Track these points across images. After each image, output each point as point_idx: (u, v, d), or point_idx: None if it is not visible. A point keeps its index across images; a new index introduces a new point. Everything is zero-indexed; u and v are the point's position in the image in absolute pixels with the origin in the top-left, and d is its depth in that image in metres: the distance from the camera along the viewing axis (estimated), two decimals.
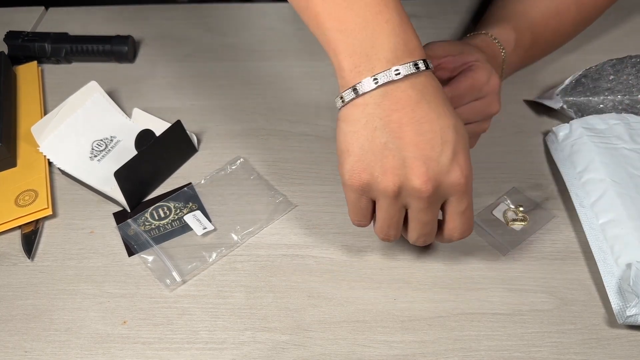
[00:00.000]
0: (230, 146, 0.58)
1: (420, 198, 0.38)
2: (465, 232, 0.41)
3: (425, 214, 0.39)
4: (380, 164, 0.37)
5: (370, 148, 0.37)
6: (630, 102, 0.57)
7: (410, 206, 0.39)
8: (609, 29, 0.69)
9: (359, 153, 0.38)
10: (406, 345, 0.43)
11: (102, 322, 0.45)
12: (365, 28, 0.37)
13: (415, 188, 0.37)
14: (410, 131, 0.37)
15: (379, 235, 0.42)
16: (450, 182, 0.38)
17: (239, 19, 0.75)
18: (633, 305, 0.41)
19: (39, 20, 0.76)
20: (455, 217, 0.40)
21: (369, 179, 0.38)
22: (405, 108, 0.37)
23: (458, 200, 0.39)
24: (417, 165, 0.37)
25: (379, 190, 0.38)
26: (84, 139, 0.57)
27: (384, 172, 0.37)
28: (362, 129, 0.38)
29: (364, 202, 0.40)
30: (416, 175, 0.37)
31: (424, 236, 0.42)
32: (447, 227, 0.41)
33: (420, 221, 0.40)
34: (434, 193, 0.38)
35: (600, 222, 0.47)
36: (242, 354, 0.43)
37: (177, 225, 0.51)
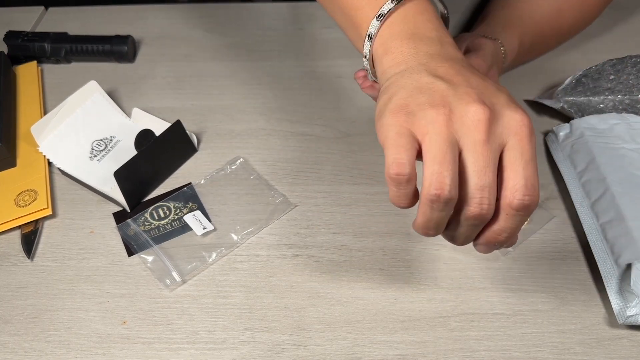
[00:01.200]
0: (230, 146, 0.58)
1: (478, 123, 0.31)
2: (530, 192, 0.32)
3: (483, 152, 0.32)
4: (428, 97, 0.33)
5: (416, 86, 0.34)
6: (631, 102, 0.57)
7: (464, 143, 0.32)
8: (609, 29, 0.69)
9: (403, 93, 0.34)
10: (406, 345, 0.43)
11: (101, 322, 0.45)
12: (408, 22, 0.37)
13: (472, 109, 0.32)
14: (460, 76, 0.34)
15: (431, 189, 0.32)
16: (509, 116, 0.32)
17: (238, 19, 0.75)
18: (633, 305, 0.41)
19: (39, 20, 0.76)
20: (518, 168, 0.32)
21: (415, 109, 0.33)
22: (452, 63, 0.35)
23: (520, 144, 0.32)
24: (471, 92, 0.33)
25: (427, 117, 0.32)
26: (83, 138, 0.57)
27: (432, 101, 0.33)
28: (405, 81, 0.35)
29: (407, 136, 0.33)
30: (472, 99, 0.32)
31: (481, 192, 0.32)
32: (508, 185, 0.32)
33: (477, 165, 0.32)
34: (491, 120, 0.32)
35: (600, 222, 0.47)
36: (242, 354, 0.43)
37: (176, 225, 0.51)
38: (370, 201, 0.52)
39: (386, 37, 0.38)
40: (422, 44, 0.37)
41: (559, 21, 0.58)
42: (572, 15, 0.58)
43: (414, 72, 0.35)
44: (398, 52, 0.37)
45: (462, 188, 0.32)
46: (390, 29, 0.38)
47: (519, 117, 0.32)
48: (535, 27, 0.57)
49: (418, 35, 0.37)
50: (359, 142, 0.58)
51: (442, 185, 0.31)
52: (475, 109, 0.32)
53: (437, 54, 0.36)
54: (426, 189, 0.32)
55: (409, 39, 0.37)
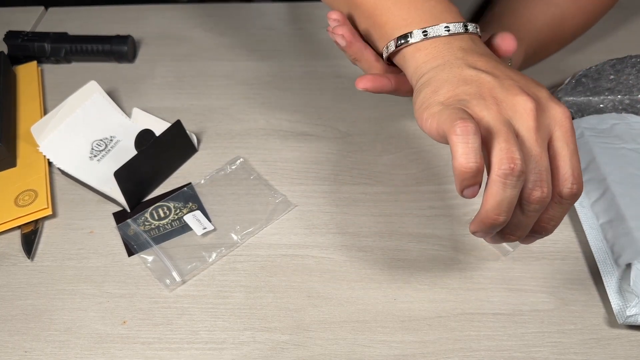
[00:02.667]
0: (230, 146, 0.58)
1: (529, 112, 0.33)
2: (577, 180, 0.33)
3: (537, 138, 0.32)
4: (476, 89, 0.34)
5: (462, 79, 0.35)
6: (631, 102, 0.57)
7: (518, 130, 0.33)
8: (609, 29, 0.69)
9: (449, 86, 0.34)
10: (406, 345, 0.43)
11: (101, 322, 0.45)
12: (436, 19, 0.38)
13: (521, 100, 0.33)
14: (500, 70, 0.35)
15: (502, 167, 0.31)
16: (554, 109, 0.34)
17: (238, 19, 0.75)
18: (633, 305, 0.41)
19: (39, 20, 0.76)
20: (565, 158, 0.33)
21: (467, 97, 0.34)
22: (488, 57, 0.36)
23: (565, 135, 0.33)
24: (516, 85, 0.34)
25: (479, 105, 0.33)
26: (83, 138, 0.57)
27: (481, 91, 0.34)
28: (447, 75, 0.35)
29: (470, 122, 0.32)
30: (519, 91, 0.33)
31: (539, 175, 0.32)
32: (558, 174, 0.33)
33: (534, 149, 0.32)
34: (539, 111, 0.33)
35: (600, 222, 0.47)
36: (241, 354, 0.43)
37: (176, 225, 0.51)
38: (370, 201, 0.52)
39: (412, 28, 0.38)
40: (454, 39, 0.37)
41: (561, 28, 0.58)
42: (574, 21, 0.58)
43: (453, 67, 0.36)
44: (432, 48, 0.37)
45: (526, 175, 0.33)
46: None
47: (562, 110, 0.34)
48: (538, 36, 0.56)
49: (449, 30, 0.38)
50: (359, 142, 0.58)
51: (514, 159, 0.31)
52: (524, 99, 0.33)
53: (471, 48, 0.37)
54: (497, 166, 0.32)
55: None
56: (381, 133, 0.58)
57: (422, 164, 0.55)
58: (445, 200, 0.52)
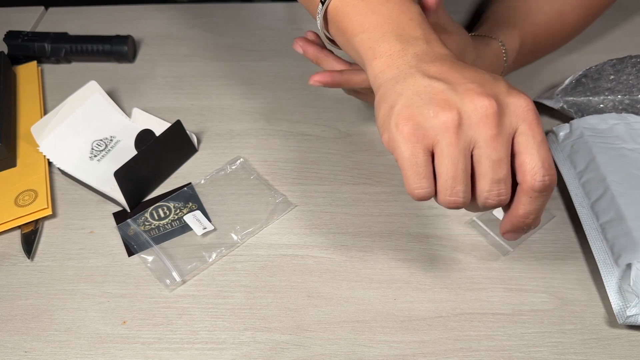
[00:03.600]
0: (230, 146, 0.58)
1: (487, 119, 0.32)
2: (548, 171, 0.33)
3: (496, 146, 0.33)
4: (430, 100, 0.33)
5: (415, 91, 0.34)
6: (631, 102, 0.57)
7: (476, 141, 0.33)
8: (609, 29, 0.69)
9: (403, 102, 0.34)
10: (406, 345, 0.43)
11: (101, 322, 0.45)
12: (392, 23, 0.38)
13: (478, 106, 0.32)
14: (454, 73, 0.34)
15: (445, 198, 0.34)
16: (514, 104, 0.33)
17: (238, 19, 0.75)
18: (633, 305, 0.41)
19: (39, 20, 0.76)
20: (533, 151, 0.33)
21: (421, 119, 0.33)
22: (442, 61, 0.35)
23: (530, 128, 0.33)
24: (473, 88, 0.33)
25: (435, 127, 0.33)
26: (83, 138, 0.57)
27: (436, 105, 0.33)
28: (401, 87, 0.35)
29: (421, 154, 0.33)
30: (475, 94, 0.33)
31: (498, 185, 0.34)
32: (526, 169, 0.33)
33: (491, 159, 0.33)
34: (499, 113, 0.32)
35: (600, 222, 0.47)
36: (242, 354, 0.43)
37: (176, 225, 0.51)
38: (370, 201, 0.52)
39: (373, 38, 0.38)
40: (409, 45, 0.37)
41: (561, 22, 0.58)
42: (574, 16, 0.58)
43: (408, 77, 0.35)
44: (387, 56, 0.37)
45: (480, 182, 0.34)
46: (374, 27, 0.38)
47: (524, 102, 0.33)
48: (537, 28, 0.57)
49: (404, 36, 0.37)
50: (359, 142, 0.58)
51: (456, 195, 0.34)
52: (482, 104, 0.32)
53: (425, 53, 0.36)
54: (441, 195, 0.34)
55: (395, 40, 0.37)
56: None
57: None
58: None
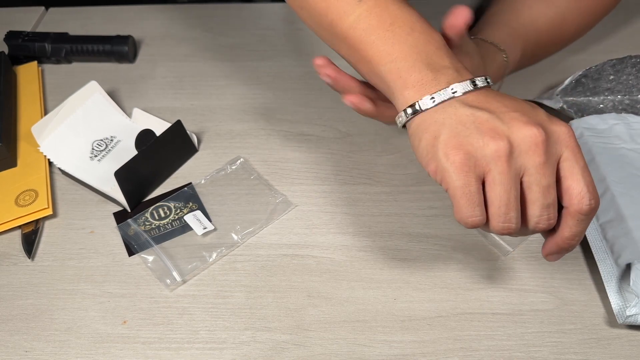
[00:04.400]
0: (230, 146, 0.58)
1: (536, 147, 0.33)
2: (594, 195, 0.34)
3: (545, 173, 0.34)
4: (476, 130, 0.34)
5: (458, 121, 0.34)
6: (630, 102, 0.57)
7: (526, 168, 0.34)
8: (609, 29, 0.69)
9: (448, 131, 0.34)
10: (406, 345, 0.43)
11: (102, 321, 0.45)
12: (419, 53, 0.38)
13: (527, 135, 0.33)
14: (494, 102, 0.35)
15: (498, 224, 0.35)
16: (557, 132, 0.34)
17: (238, 19, 0.75)
18: (633, 305, 0.41)
19: (39, 20, 0.76)
20: (578, 176, 0.34)
21: (471, 149, 0.34)
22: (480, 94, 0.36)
23: (573, 154, 0.34)
24: (518, 117, 0.34)
25: (487, 156, 0.33)
26: (84, 138, 0.57)
27: (485, 134, 0.33)
28: (441, 116, 0.35)
29: (474, 183, 0.34)
30: (522, 123, 0.33)
31: (547, 210, 0.35)
32: (573, 194, 0.34)
33: (541, 186, 0.34)
34: (546, 140, 0.33)
35: (600, 222, 0.47)
36: (242, 353, 0.43)
37: (177, 225, 0.51)
38: (370, 201, 0.52)
39: (402, 68, 0.37)
40: (440, 74, 0.37)
41: (561, 29, 0.57)
42: (575, 22, 0.58)
43: (446, 106, 0.35)
44: (419, 85, 0.37)
45: (530, 208, 0.35)
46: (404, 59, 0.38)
47: (565, 130, 0.34)
48: (539, 36, 0.56)
49: (433, 65, 0.37)
50: (359, 142, 0.58)
51: (509, 222, 0.34)
52: (530, 133, 0.33)
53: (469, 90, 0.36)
54: (494, 222, 0.35)
55: (426, 69, 0.37)
56: (381, 133, 0.58)
57: None
58: (445, 200, 0.52)
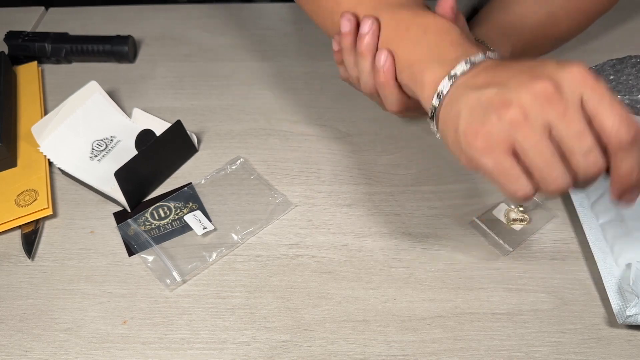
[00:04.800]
0: (230, 146, 0.58)
1: (549, 100, 0.32)
2: (629, 123, 0.32)
3: (570, 121, 0.32)
4: (487, 108, 0.34)
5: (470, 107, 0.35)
6: (630, 102, 0.57)
7: (549, 123, 0.33)
8: (609, 29, 0.69)
9: (463, 121, 0.35)
10: (406, 345, 0.43)
11: (102, 321, 0.45)
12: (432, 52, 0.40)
13: (536, 92, 0.32)
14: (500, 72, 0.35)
15: (549, 187, 0.34)
16: (568, 76, 0.33)
17: (238, 19, 0.75)
18: (633, 305, 0.41)
19: (39, 20, 0.76)
20: (606, 111, 0.32)
21: (488, 129, 0.33)
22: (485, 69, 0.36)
23: (593, 91, 0.33)
24: (523, 78, 0.33)
25: (505, 129, 0.33)
26: (84, 138, 0.57)
27: (496, 109, 0.33)
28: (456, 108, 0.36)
29: (504, 159, 0.34)
30: (528, 82, 0.33)
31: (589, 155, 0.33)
32: (607, 130, 0.32)
33: (571, 135, 0.33)
34: (556, 89, 0.32)
35: (600, 222, 0.47)
36: (242, 353, 0.43)
37: (177, 225, 0.51)
38: (370, 201, 0.52)
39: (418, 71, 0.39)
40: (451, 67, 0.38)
41: (553, 27, 0.58)
42: (567, 21, 0.58)
43: (459, 97, 0.36)
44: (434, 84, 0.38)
45: (572, 159, 0.33)
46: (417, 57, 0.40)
47: (576, 71, 0.33)
48: (530, 33, 0.56)
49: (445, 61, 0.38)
50: (359, 142, 0.58)
51: (561, 183, 0.34)
52: (538, 89, 0.32)
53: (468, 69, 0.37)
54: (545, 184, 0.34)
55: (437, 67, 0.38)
56: (381, 133, 0.58)
57: (422, 164, 0.55)
58: (445, 200, 0.52)
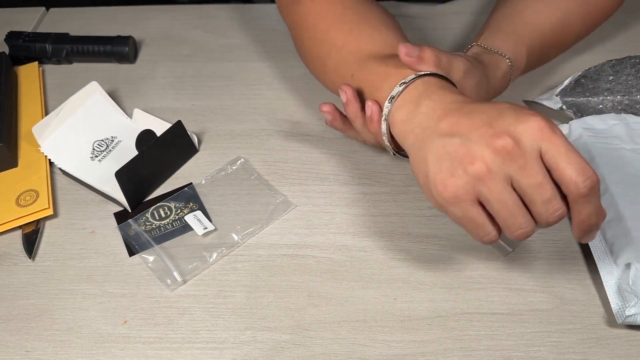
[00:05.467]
0: (231, 146, 0.58)
1: (509, 155, 0.35)
2: (587, 174, 0.34)
3: (530, 173, 0.35)
4: (453, 160, 0.36)
5: (436, 155, 0.37)
6: (630, 103, 0.57)
7: (511, 176, 0.35)
8: (608, 30, 0.69)
9: (432, 169, 0.37)
10: (406, 345, 0.43)
11: (102, 321, 0.45)
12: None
13: (497, 148, 0.35)
14: (464, 121, 0.37)
15: (513, 234, 0.37)
16: (527, 130, 0.35)
17: (239, 19, 0.75)
18: (632, 305, 0.41)
19: (40, 21, 0.76)
20: (563, 163, 0.34)
21: (455, 181, 0.36)
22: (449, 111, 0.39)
23: (551, 144, 0.35)
24: (484, 131, 0.35)
25: (470, 182, 0.36)
26: (84, 139, 0.57)
27: (461, 162, 0.36)
28: (423, 153, 0.38)
29: (471, 209, 0.37)
30: (489, 138, 0.35)
31: (550, 205, 0.36)
32: (566, 182, 0.35)
33: (532, 186, 0.35)
34: (515, 144, 0.35)
35: None
36: (242, 353, 0.43)
37: (177, 225, 0.51)
38: (370, 201, 0.52)
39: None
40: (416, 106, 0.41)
41: (564, 33, 0.57)
42: (577, 26, 0.58)
43: (425, 141, 0.39)
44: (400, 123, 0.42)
45: (533, 208, 0.36)
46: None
47: (534, 125, 0.35)
48: (543, 41, 0.55)
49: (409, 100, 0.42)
50: (358, 143, 0.58)
51: (522, 227, 0.37)
52: (499, 146, 0.35)
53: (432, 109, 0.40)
54: (509, 233, 0.37)
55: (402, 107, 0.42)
56: None
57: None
58: None
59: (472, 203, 0.36)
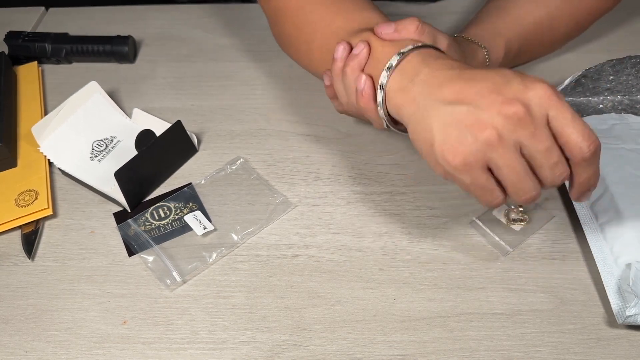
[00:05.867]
0: (230, 146, 0.58)
1: (520, 122, 0.35)
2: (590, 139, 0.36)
3: (539, 139, 0.35)
4: (462, 128, 0.36)
5: (443, 123, 0.37)
6: (630, 102, 0.57)
7: (520, 142, 0.36)
8: (609, 29, 0.69)
9: (438, 137, 0.37)
10: (406, 345, 0.43)
11: (102, 322, 0.45)
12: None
13: (508, 115, 0.35)
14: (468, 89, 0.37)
15: (521, 198, 0.38)
16: (535, 97, 0.35)
17: (238, 19, 0.75)
18: (632, 305, 0.41)
19: (39, 21, 0.76)
20: (569, 129, 0.35)
21: (465, 148, 0.36)
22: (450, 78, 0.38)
23: (557, 111, 0.35)
24: (494, 98, 0.35)
25: (481, 149, 0.36)
26: (84, 139, 0.57)
27: (470, 130, 0.35)
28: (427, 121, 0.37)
29: (480, 176, 0.37)
30: (499, 105, 0.35)
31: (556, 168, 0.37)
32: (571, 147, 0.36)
33: (540, 151, 0.36)
34: (527, 111, 0.35)
35: (600, 222, 0.47)
36: (242, 353, 0.43)
37: (177, 225, 0.51)
38: (370, 201, 0.52)
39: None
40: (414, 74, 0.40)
41: (551, 28, 0.58)
42: (565, 22, 0.58)
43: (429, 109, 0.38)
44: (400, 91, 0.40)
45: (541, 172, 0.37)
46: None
47: (541, 91, 0.35)
48: (527, 34, 0.57)
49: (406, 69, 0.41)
50: (359, 143, 0.58)
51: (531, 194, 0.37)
52: (511, 113, 0.35)
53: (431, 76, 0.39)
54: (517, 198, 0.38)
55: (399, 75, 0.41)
56: (381, 133, 0.58)
57: (422, 164, 0.55)
58: (445, 200, 0.52)
59: (482, 170, 0.37)
